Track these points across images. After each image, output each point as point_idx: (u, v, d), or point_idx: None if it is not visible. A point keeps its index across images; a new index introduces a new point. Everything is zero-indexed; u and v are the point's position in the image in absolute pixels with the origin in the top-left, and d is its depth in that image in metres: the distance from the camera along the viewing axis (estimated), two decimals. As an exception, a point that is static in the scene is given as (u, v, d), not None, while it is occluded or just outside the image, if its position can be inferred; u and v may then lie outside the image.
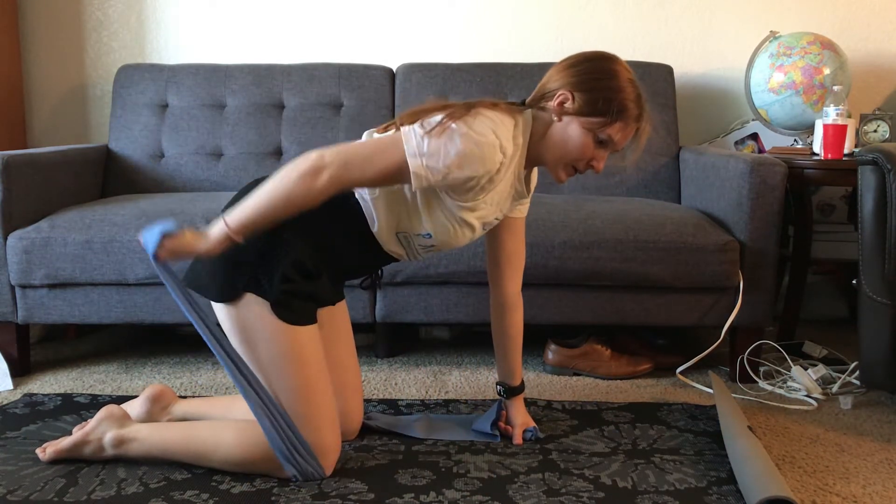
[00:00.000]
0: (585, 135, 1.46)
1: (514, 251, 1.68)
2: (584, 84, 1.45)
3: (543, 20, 2.86)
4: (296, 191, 1.33)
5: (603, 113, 1.44)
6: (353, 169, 1.36)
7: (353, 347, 1.73)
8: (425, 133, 1.37)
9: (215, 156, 2.65)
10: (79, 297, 2.13)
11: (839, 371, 2.16)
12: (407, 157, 1.37)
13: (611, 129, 1.45)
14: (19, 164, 2.11)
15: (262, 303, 1.44)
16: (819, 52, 2.52)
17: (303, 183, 1.33)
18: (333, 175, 1.34)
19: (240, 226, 1.35)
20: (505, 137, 1.42)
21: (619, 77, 1.45)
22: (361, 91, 2.67)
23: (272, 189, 1.34)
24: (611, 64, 1.47)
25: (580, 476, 1.54)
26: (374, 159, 1.37)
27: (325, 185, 1.34)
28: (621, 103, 1.44)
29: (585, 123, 1.45)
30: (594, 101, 1.44)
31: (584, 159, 1.49)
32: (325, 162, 1.34)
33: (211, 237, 1.36)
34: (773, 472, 1.43)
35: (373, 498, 1.44)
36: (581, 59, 1.49)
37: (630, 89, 1.46)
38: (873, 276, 1.77)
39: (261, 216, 1.35)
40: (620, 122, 1.45)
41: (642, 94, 1.48)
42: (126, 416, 1.61)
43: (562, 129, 1.47)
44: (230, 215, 1.36)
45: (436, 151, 1.37)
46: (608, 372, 2.17)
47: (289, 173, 1.34)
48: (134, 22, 2.89)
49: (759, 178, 2.03)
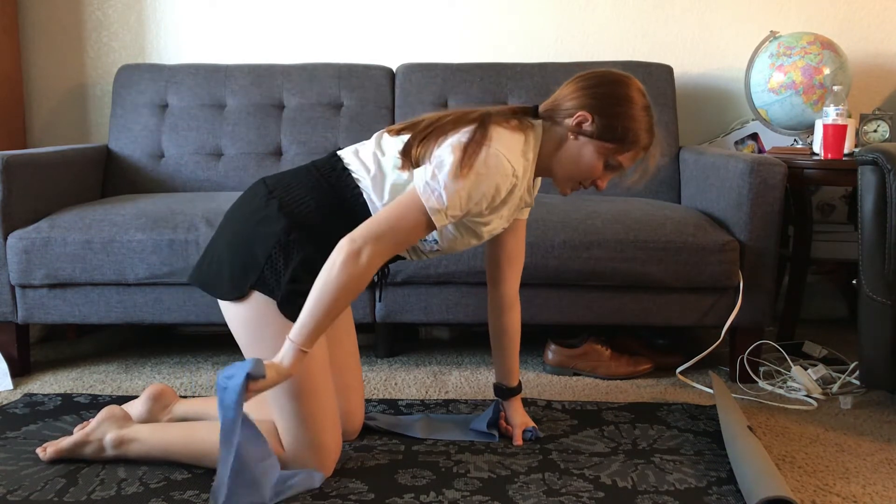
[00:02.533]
0: (598, 158, 1.49)
1: (515, 251, 1.68)
2: (603, 109, 1.47)
3: (543, 20, 2.86)
4: (344, 282, 1.34)
5: (618, 140, 1.47)
6: (387, 239, 1.38)
7: (355, 348, 1.73)
8: (443, 186, 1.38)
9: (215, 156, 2.65)
10: (79, 297, 2.13)
11: (839, 371, 2.16)
12: (430, 215, 1.39)
13: (622, 156, 1.49)
14: (19, 164, 2.11)
15: (270, 301, 1.45)
16: (819, 52, 2.52)
17: (347, 272, 1.34)
18: (371, 251, 1.35)
19: (308, 339, 1.35)
20: (516, 160, 1.45)
21: (636, 105, 1.48)
22: (361, 91, 2.67)
23: (322, 292, 1.34)
24: (628, 90, 1.49)
25: (580, 476, 1.54)
26: (402, 225, 1.39)
27: (367, 262, 1.35)
28: (636, 133, 1.48)
29: (600, 148, 1.48)
30: (612, 128, 1.47)
31: (591, 178, 1.53)
32: (358, 245, 1.35)
33: (288, 363, 1.35)
34: (773, 472, 1.43)
35: (373, 498, 1.44)
36: (601, 81, 1.50)
37: (645, 119, 1.49)
38: (873, 276, 1.77)
39: (322, 320, 1.35)
40: (633, 150, 1.50)
41: (654, 122, 1.52)
42: (127, 417, 1.61)
43: (576, 149, 1.50)
44: (294, 333, 1.35)
45: (455, 201, 1.39)
46: (608, 372, 2.17)
47: (330, 272, 1.34)
48: (134, 22, 2.90)
49: (759, 178, 2.03)
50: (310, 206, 1.49)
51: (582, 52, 2.86)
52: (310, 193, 1.50)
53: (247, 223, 1.50)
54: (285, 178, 1.54)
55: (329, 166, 1.54)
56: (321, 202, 1.50)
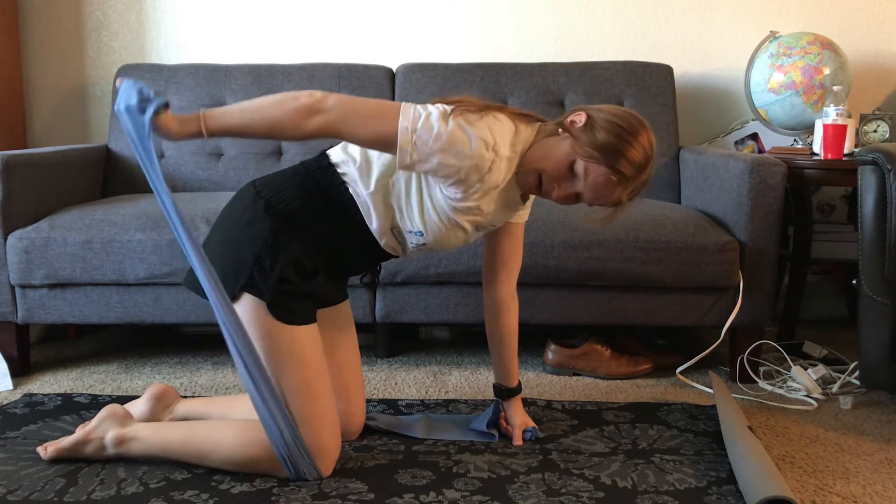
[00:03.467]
0: (568, 156, 1.42)
1: (511, 254, 1.68)
2: (604, 122, 1.41)
3: (543, 20, 2.86)
4: (286, 121, 1.33)
5: (597, 149, 1.39)
6: (349, 123, 1.36)
7: (356, 348, 1.73)
8: (425, 113, 1.37)
9: (215, 156, 2.65)
10: (79, 297, 2.13)
11: (839, 371, 2.16)
12: (398, 129, 1.36)
13: (592, 167, 1.40)
14: (19, 164, 2.11)
15: (260, 303, 1.44)
16: (819, 52, 2.52)
17: (296, 117, 1.32)
18: (328, 122, 1.34)
19: (216, 127, 1.33)
20: (501, 138, 1.42)
21: (640, 139, 1.41)
22: (361, 91, 2.67)
23: (262, 109, 1.33)
24: (640, 126, 1.42)
25: (580, 476, 1.54)
26: (371, 121, 1.37)
27: (315, 128, 1.34)
28: (621, 154, 1.39)
29: (577, 147, 1.41)
30: (597, 138, 1.40)
31: (552, 178, 1.45)
32: (326, 106, 1.34)
33: (184, 122, 1.32)
34: (773, 472, 1.43)
35: (373, 498, 1.44)
36: (622, 112, 1.44)
37: (639, 154, 1.40)
38: (873, 276, 1.77)
39: (239, 127, 1.34)
40: (606, 167, 1.39)
41: (646, 169, 1.43)
42: (127, 416, 1.61)
43: (554, 142, 1.46)
44: (211, 111, 1.33)
45: (427, 131, 1.36)
46: (608, 372, 2.17)
47: (286, 101, 1.33)
48: (134, 22, 2.89)
49: (759, 178, 2.03)
50: (296, 205, 1.49)
51: (582, 52, 2.86)
52: (296, 193, 1.50)
53: (235, 225, 1.50)
54: (274, 180, 1.55)
55: (315, 164, 1.54)
56: (307, 201, 1.50)
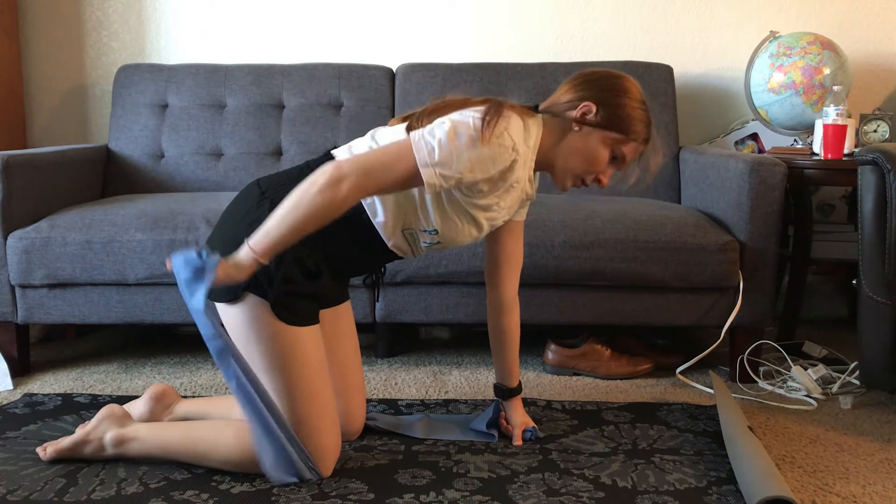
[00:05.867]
0: (604, 149, 1.50)
1: (513, 253, 1.68)
2: (605, 99, 1.48)
3: (543, 20, 2.86)
4: (319, 205, 1.31)
5: (623, 130, 1.48)
6: (374, 176, 1.35)
7: (357, 348, 1.73)
8: (437, 141, 1.37)
9: (215, 156, 2.65)
10: (79, 297, 2.13)
11: (839, 371, 2.16)
12: (418, 166, 1.36)
13: (626, 147, 1.50)
14: (19, 164, 2.11)
15: (263, 303, 1.44)
16: (819, 52, 2.52)
17: (324, 196, 1.31)
18: (354, 184, 1.32)
19: (265, 249, 1.32)
20: (518, 138, 1.44)
21: (634, 98, 1.50)
22: (361, 91, 2.67)
23: (293, 207, 1.32)
24: (626, 83, 1.51)
25: (580, 476, 1.54)
26: (392, 167, 1.37)
27: (346, 194, 1.32)
28: (636, 123, 1.49)
29: (605, 138, 1.49)
30: (616, 117, 1.48)
31: (595, 172, 1.52)
32: (344, 172, 1.32)
33: (240, 265, 1.32)
34: (773, 472, 1.43)
35: (373, 498, 1.44)
36: (598, 77, 1.52)
37: (643, 112, 1.51)
38: (873, 276, 1.77)
39: (285, 236, 1.32)
40: (635, 142, 1.51)
41: (651, 118, 1.53)
42: (127, 416, 1.61)
43: (581, 140, 1.50)
44: (254, 239, 1.33)
45: (447, 160, 1.37)
46: (608, 372, 2.17)
47: (308, 189, 1.31)
48: (134, 22, 2.90)
49: (759, 178, 2.03)
50: None
51: (582, 52, 2.86)
52: None
53: (240, 225, 1.50)
54: (278, 179, 1.54)
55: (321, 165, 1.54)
56: None
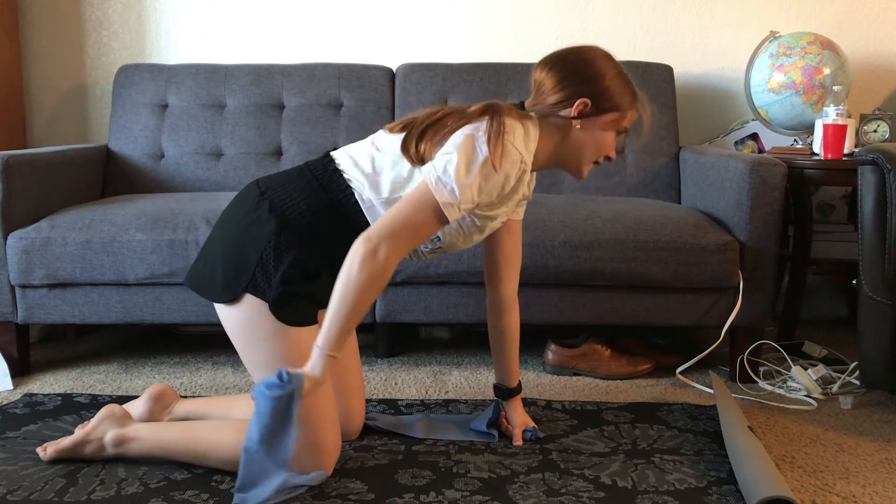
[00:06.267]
0: (608, 131, 1.54)
1: (512, 253, 1.69)
2: (591, 89, 1.51)
3: (543, 20, 2.86)
4: (365, 282, 1.33)
5: (619, 108, 1.52)
6: (402, 235, 1.37)
7: (356, 349, 1.73)
8: (454, 180, 1.37)
9: (215, 156, 2.65)
10: (79, 297, 2.13)
11: (839, 371, 2.16)
12: (443, 208, 1.38)
13: (625, 119, 1.55)
14: (19, 164, 2.11)
15: (262, 304, 1.44)
16: (819, 52, 2.52)
17: (366, 271, 1.33)
18: (388, 248, 1.34)
19: (335, 344, 1.35)
20: (522, 147, 1.46)
21: (611, 73, 1.52)
22: (361, 91, 2.67)
23: (343, 295, 1.34)
24: (598, 62, 1.53)
25: (580, 476, 1.54)
26: (418, 220, 1.38)
27: (385, 259, 1.34)
28: (624, 97, 1.53)
29: (605, 122, 1.52)
30: (606, 101, 1.51)
31: (607, 152, 1.57)
32: (374, 243, 1.34)
33: (319, 371, 1.35)
34: (773, 472, 1.43)
35: (373, 498, 1.44)
36: (575, 65, 1.53)
37: (624, 81, 1.54)
38: (873, 276, 1.77)
39: (347, 323, 1.35)
40: (632, 109, 1.55)
41: (628, 77, 1.56)
42: (127, 416, 1.61)
43: (586, 133, 1.53)
44: (321, 340, 1.35)
45: (468, 196, 1.39)
46: (608, 372, 2.17)
47: (349, 273, 1.33)
48: (134, 22, 2.89)
49: (759, 178, 2.03)
50: (300, 206, 1.49)
51: (582, 52, 2.86)
52: (301, 194, 1.50)
53: (239, 225, 1.50)
54: (278, 179, 1.54)
55: (321, 167, 1.54)
56: (312, 203, 1.49)
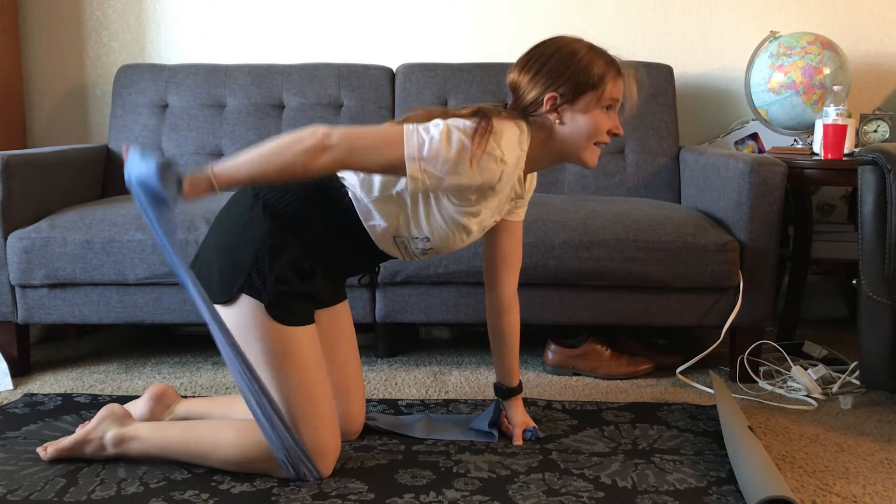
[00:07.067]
0: (593, 113, 1.49)
1: (511, 253, 1.68)
2: (559, 76, 1.47)
3: (543, 20, 2.86)
4: (296, 163, 1.32)
5: (591, 86, 1.47)
6: (357, 155, 1.36)
7: (355, 349, 1.73)
8: (428, 137, 1.37)
9: (215, 156, 2.65)
10: (79, 297, 2.13)
11: (839, 371, 2.16)
12: (405, 158, 1.36)
13: (607, 93, 1.49)
14: (19, 164, 2.11)
15: (258, 304, 1.44)
16: (819, 52, 2.52)
17: (305, 158, 1.32)
18: (337, 157, 1.33)
19: (227, 179, 1.32)
20: (510, 149, 1.44)
21: (579, 53, 1.48)
22: (361, 91, 2.67)
23: (270, 155, 1.32)
24: (563, 49, 1.49)
25: (580, 476, 1.54)
26: (379, 151, 1.37)
27: (325, 164, 1.33)
28: (596, 71, 1.48)
29: (586, 104, 1.48)
30: (577, 84, 1.47)
31: (605, 132, 1.52)
32: (332, 142, 1.33)
33: (196, 182, 1.30)
34: (773, 472, 1.43)
35: (373, 498, 1.44)
36: (544, 58, 1.50)
37: (593, 55, 1.49)
38: (873, 276, 1.77)
39: (251, 177, 1.33)
40: (610, 82, 1.49)
41: (605, 52, 1.52)
42: (127, 415, 1.61)
43: (569, 124, 1.50)
44: (219, 166, 1.32)
45: (433, 157, 1.37)
46: (608, 372, 2.17)
47: (292, 145, 1.32)
48: (134, 22, 2.89)
49: (759, 178, 2.03)
50: (294, 207, 1.49)
51: (582, 52, 2.86)
52: (295, 194, 1.49)
53: (234, 226, 1.50)
54: None
55: None
56: (306, 203, 1.49)
